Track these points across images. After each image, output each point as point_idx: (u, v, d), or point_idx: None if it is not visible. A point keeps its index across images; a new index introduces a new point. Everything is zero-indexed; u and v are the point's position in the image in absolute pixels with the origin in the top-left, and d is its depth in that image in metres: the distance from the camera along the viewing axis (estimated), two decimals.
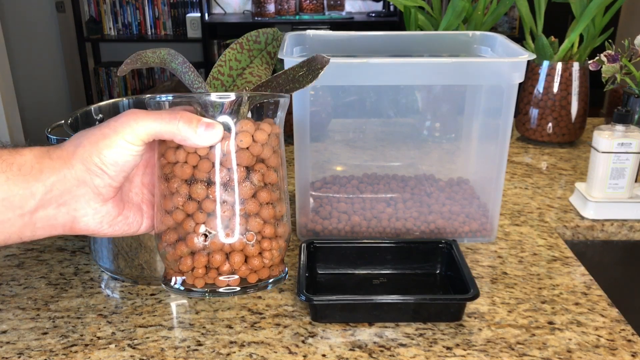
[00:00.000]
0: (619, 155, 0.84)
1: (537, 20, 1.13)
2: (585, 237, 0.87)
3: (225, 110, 0.45)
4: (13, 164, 0.44)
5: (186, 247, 0.46)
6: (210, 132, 0.44)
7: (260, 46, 0.51)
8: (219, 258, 0.46)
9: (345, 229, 0.81)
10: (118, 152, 0.44)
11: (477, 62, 0.75)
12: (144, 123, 0.43)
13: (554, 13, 1.35)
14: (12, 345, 0.60)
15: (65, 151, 0.45)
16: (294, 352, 0.59)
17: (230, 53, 0.50)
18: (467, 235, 0.81)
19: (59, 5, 3.29)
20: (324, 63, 0.48)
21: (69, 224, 0.46)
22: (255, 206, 0.46)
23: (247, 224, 0.46)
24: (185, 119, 0.43)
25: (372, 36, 0.89)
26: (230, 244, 0.46)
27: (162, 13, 3.39)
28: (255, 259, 0.47)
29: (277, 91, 0.48)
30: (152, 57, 0.48)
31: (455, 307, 0.63)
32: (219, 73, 0.50)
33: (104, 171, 0.44)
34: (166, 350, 0.59)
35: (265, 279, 0.48)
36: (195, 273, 0.47)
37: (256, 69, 0.50)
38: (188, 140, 0.44)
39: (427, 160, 0.87)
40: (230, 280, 0.47)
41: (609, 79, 0.98)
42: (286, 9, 3.32)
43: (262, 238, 0.47)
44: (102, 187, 0.45)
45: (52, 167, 0.44)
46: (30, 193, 0.44)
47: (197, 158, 0.45)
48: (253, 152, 0.46)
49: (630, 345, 0.61)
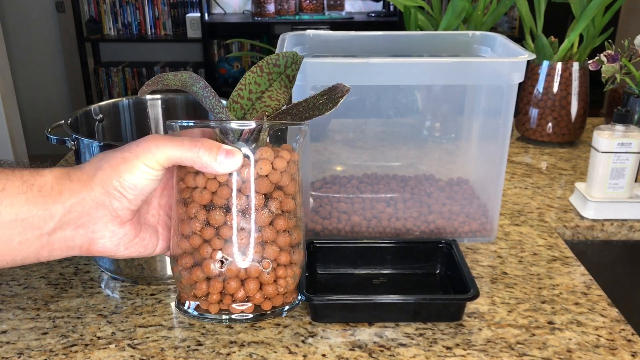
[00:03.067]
0: (619, 155, 0.84)
1: (537, 20, 1.13)
2: (585, 237, 0.87)
3: (244, 137, 0.45)
4: (33, 185, 0.44)
5: (202, 273, 0.46)
6: (231, 159, 0.44)
7: (279, 69, 0.51)
8: (234, 285, 0.46)
9: (345, 229, 0.81)
10: (138, 176, 0.44)
11: (477, 62, 0.75)
12: (165, 149, 0.44)
13: (554, 13, 1.35)
14: (12, 345, 0.60)
15: (85, 174, 0.45)
16: (294, 352, 0.59)
17: (250, 76, 0.50)
18: (467, 235, 0.81)
19: (59, 5, 3.29)
20: (345, 92, 0.48)
21: (86, 246, 0.46)
22: (272, 234, 0.46)
23: (264, 252, 0.46)
24: (205, 147, 0.44)
25: (372, 36, 0.89)
26: (246, 271, 0.46)
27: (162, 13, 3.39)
28: (270, 287, 0.47)
29: (296, 119, 0.49)
30: (174, 80, 0.49)
31: (455, 307, 0.63)
32: (239, 97, 0.50)
33: (123, 195, 0.45)
34: (166, 350, 0.59)
35: (279, 306, 0.48)
36: (210, 299, 0.47)
37: (275, 92, 0.50)
38: (208, 167, 0.44)
39: (427, 160, 0.87)
40: (244, 307, 0.47)
41: (608, 79, 0.98)
42: (286, 9, 3.32)
43: (278, 265, 0.47)
44: (120, 210, 0.45)
45: (72, 189, 0.44)
46: (49, 214, 0.44)
47: (217, 184, 0.45)
48: (272, 179, 0.46)
49: (630, 345, 0.61)
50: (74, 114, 0.74)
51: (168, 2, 3.36)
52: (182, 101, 0.84)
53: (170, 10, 3.38)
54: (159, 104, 0.83)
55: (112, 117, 0.80)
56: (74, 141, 0.68)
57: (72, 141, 0.68)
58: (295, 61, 0.51)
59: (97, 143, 0.66)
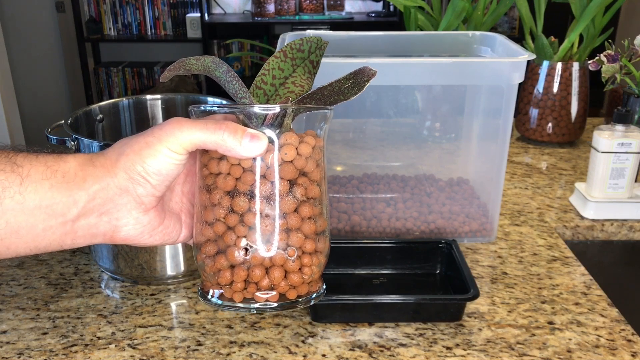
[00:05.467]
0: (619, 155, 0.84)
1: (537, 20, 1.13)
2: (585, 237, 0.87)
3: (268, 122, 0.45)
4: (57, 171, 0.43)
5: (226, 261, 0.45)
6: (255, 143, 0.43)
7: (303, 55, 0.50)
8: (258, 273, 0.45)
9: (345, 229, 0.81)
10: (161, 161, 0.43)
11: (477, 62, 0.75)
12: (189, 132, 0.43)
13: (554, 13, 1.35)
14: (12, 345, 0.60)
15: (108, 159, 0.44)
16: (294, 352, 0.59)
17: (274, 62, 0.49)
18: (467, 235, 0.81)
19: (59, 5, 3.29)
20: (371, 75, 0.47)
21: (110, 233, 0.45)
22: (297, 221, 0.45)
23: (289, 239, 0.45)
24: (230, 130, 0.43)
25: (372, 36, 0.89)
26: (271, 259, 0.45)
27: (162, 13, 3.39)
28: (295, 275, 0.46)
29: (321, 103, 0.47)
30: (196, 65, 0.47)
31: (455, 307, 0.63)
32: (262, 82, 0.49)
33: (147, 180, 0.44)
34: (166, 350, 0.59)
35: (304, 295, 0.47)
36: (234, 287, 0.46)
37: (299, 78, 0.49)
38: (232, 151, 0.43)
39: (427, 160, 0.87)
40: (268, 296, 0.46)
41: (608, 79, 0.98)
42: (286, 9, 3.32)
43: (303, 253, 0.46)
44: (144, 197, 0.45)
45: (95, 176, 0.44)
46: (73, 201, 0.43)
47: (241, 170, 0.44)
48: (297, 165, 0.45)
49: (630, 345, 0.61)
50: (74, 114, 0.74)
51: (168, 2, 3.36)
52: (182, 101, 0.84)
53: (170, 10, 3.38)
54: (159, 104, 0.83)
55: (112, 117, 0.80)
56: (74, 141, 0.68)
57: (72, 141, 0.68)
58: (320, 46, 0.50)
59: (97, 143, 0.66)
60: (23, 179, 0.42)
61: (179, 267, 0.70)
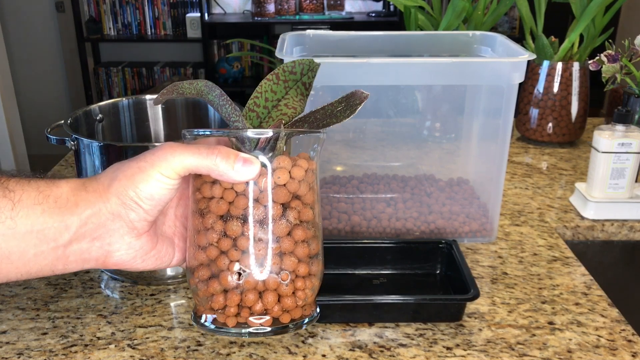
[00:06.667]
0: (619, 155, 0.83)
1: (537, 20, 1.13)
2: (586, 237, 0.87)
3: (261, 145, 0.44)
4: (49, 195, 0.43)
5: (219, 285, 0.45)
6: (248, 167, 0.43)
7: (295, 77, 0.50)
8: (252, 297, 0.45)
9: (345, 229, 0.81)
10: (154, 186, 0.43)
11: (477, 62, 0.75)
12: (181, 157, 0.43)
13: (554, 13, 1.35)
14: (12, 345, 0.60)
15: (101, 184, 0.44)
16: (294, 352, 0.59)
17: (267, 84, 0.49)
18: (467, 236, 0.81)
19: (59, 5, 3.29)
20: (363, 98, 0.47)
21: (102, 258, 0.45)
22: (290, 244, 0.45)
23: (282, 263, 0.45)
24: (222, 154, 0.43)
25: (372, 36, 0.89)
26: (264, 283, 0.45)
27: (162, 13, 3.39)
28: (289, 299, 0.46)
29: (314, 126, 0.48)
30: (189, 89, 0.47)
31: (455, 307, 0.63)
32: (255, 105, 0.49)
33: (140, 205, 0.44)
34: (166, 350, 0.59)
35: (298, 319, 0.47)
36: (227, 312, 0.46)
37: (291, 100, 0.49)
38: (225, 176, 0.43)
39: (427, 160, 0.87)
40: (262, 320, 0.46)
41: (609, 79, 0.98)
42: (286, 9, 3.32)
43: (296, 277, 0.46)
44: (137, 222, 0.44)
45: (88, 201, 0.44)
46: (65, 226, 0.43)
47: (234, 194, 0.44)
48: (290, 189, 0.45)
49: (631, 345, 0.61)
50: (74, 114, 0.74)
51: (168, 2, 3.36)
52: (182, 101, 0.84)
53: (170, 10, 3.38)
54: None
55: (112, 117, 0.80)
56: (74, 141, 0.68)
57: (72, 141, 0.68)
58: (312, 68, 0.50)
59: (97, 143, 0.66)
60: (15, 204, 0.42)
61: (179, 267, 0.70)
